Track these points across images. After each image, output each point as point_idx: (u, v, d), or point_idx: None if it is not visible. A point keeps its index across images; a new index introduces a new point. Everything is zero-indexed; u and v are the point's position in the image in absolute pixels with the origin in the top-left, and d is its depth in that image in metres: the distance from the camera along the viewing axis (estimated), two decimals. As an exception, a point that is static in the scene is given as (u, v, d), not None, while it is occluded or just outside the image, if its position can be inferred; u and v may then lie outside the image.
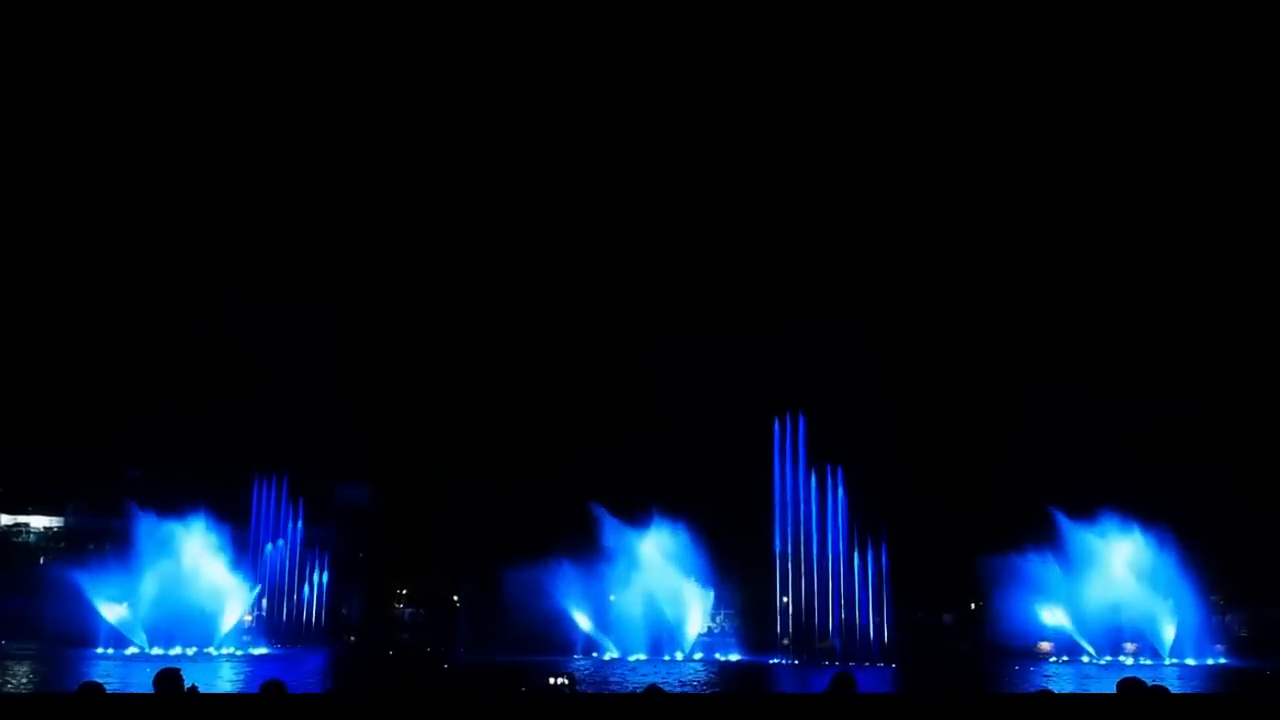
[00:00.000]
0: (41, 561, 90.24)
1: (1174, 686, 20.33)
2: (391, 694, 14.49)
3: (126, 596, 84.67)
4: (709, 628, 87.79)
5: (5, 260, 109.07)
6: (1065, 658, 78.42)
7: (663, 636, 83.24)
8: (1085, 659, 77.96)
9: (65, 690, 16.75)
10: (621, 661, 77.36)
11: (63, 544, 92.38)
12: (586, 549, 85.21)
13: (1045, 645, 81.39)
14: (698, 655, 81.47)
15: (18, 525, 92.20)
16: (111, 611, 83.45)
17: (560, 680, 18.23)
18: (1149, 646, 78.69)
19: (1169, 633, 78.74)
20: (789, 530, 79.98)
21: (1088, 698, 17.86)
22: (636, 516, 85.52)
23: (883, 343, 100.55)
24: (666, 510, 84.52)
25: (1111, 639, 79.91)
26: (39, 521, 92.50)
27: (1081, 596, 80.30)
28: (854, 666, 66.80)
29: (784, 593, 79.93)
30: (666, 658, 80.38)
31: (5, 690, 43.14)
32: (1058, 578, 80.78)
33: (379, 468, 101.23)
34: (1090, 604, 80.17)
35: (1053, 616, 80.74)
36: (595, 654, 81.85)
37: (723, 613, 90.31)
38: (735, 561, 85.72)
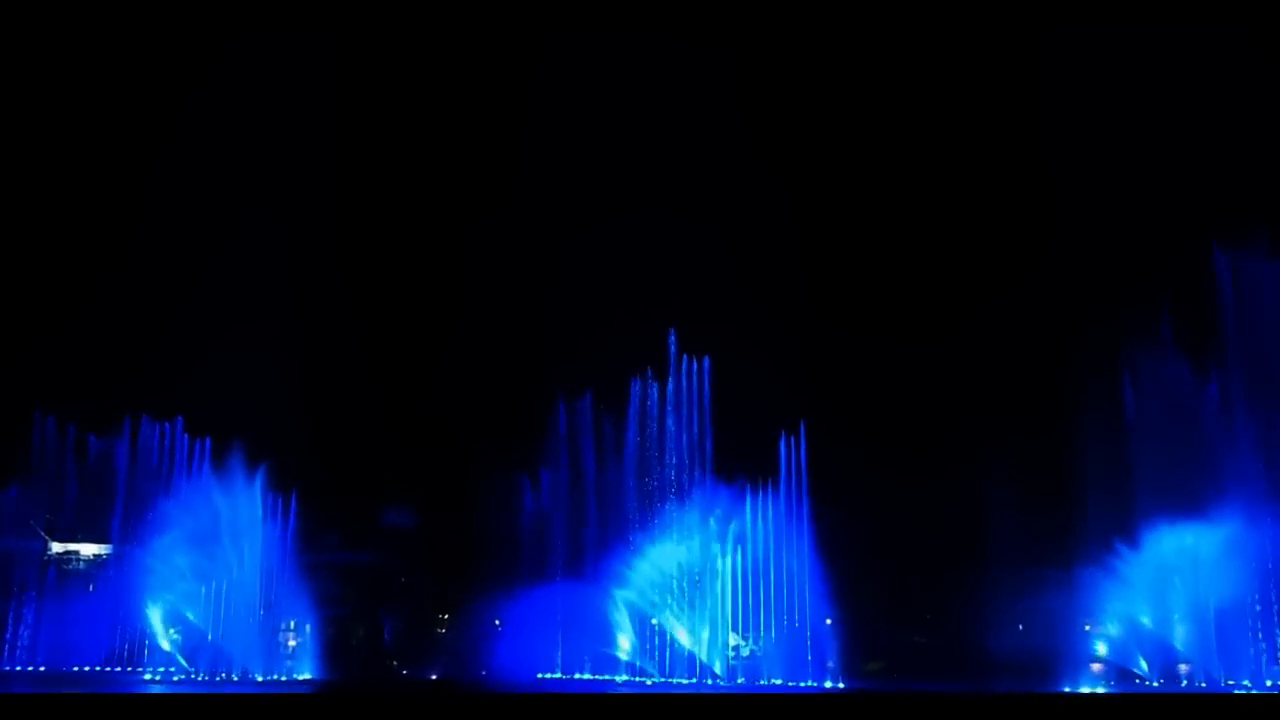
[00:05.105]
0: (91, 588, 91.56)
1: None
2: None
3: (174, 622, 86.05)
4: (737, 647, 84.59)
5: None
6: (1112, 682, 76.37)
7: (702, 661, 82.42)
8: (1138, 680, 75.97)
9: None
10: (665, 687, 76.97)
11: (110, 571, 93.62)
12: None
13: (1096, 666, 79.36)
14: (740, 680, 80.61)
15: (68, 553, 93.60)
16: (158, 636, 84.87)
17: None
18: (1203, 668, 75.37)
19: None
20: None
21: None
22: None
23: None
24: None
25: (1165, 659, 77.15)
26: (88, 549, 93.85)
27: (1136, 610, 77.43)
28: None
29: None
30: (709, 681, 79.71)
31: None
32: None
33: (421, 489, 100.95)
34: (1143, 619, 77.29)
35: (1105, 634, 78.54)
36: (638, 678, 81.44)
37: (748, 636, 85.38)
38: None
